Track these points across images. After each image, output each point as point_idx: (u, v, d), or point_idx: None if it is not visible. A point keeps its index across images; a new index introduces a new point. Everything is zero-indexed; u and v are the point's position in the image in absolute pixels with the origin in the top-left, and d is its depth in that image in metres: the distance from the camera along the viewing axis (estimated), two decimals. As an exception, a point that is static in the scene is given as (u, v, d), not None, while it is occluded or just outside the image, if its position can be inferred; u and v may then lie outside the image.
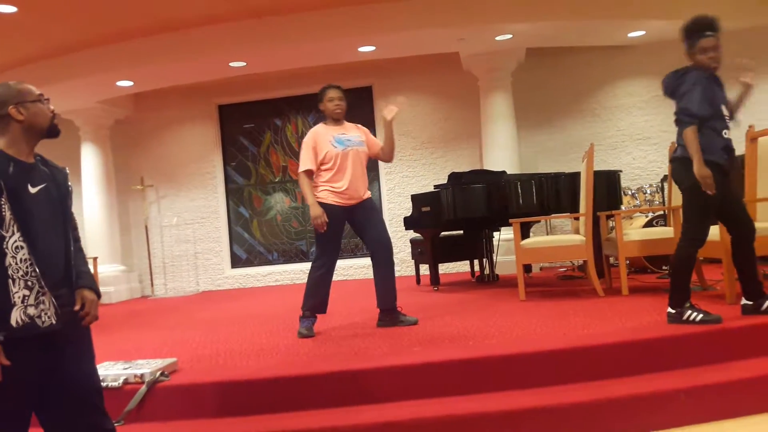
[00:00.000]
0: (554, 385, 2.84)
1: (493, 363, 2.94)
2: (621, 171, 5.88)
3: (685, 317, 3.23)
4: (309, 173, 4.05)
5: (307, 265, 8.42)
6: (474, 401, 2.74)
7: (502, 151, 7.44)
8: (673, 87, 3.31)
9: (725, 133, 3.25)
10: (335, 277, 4.15)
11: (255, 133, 8.98)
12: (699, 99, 3.16)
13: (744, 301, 3.38)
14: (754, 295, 3.34)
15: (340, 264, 8.60)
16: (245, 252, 8.98)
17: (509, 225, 5.20)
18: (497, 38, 6.91)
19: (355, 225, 4.11)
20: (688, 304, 3.26)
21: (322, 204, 3.98)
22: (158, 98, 8.77)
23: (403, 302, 4.16)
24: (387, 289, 4.10)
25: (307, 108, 8.81)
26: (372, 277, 4.17)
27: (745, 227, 3.32)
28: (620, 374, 2.88)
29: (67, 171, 2.04)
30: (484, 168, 7.46)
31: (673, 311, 3.28)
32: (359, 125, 4.30)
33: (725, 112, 3.28)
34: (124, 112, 8.79)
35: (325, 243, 4.06)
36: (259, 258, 8.97)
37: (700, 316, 3.19)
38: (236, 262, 8.99)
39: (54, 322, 1.81)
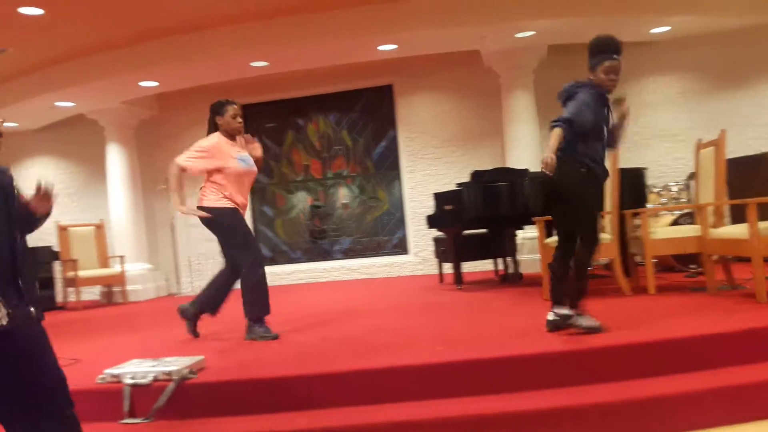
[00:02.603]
0: (578, 385, 2.82)
1: (517, 363, 2.93)
2: (646, 168, 5.81)
3: (571, 321, 3.28)
4: (183, 170, 4.20)
5: (330, 264, 8.50)
6: (497, 401, 2.73)
7: (525, 149, 7.38)
8: (565, 97, 3.45)
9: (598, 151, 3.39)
10: (359, 276, 4.16)
11: (277, 133, 9.04)
12: (578, 112, 3.30)
13: (551, 315, 3.39)
14: (566, 303, 3.36)
15: (364, 262, 8.58)
16: (269, 250, 9.04)
17: (533, 223, 5.17)
18: (518, 35, 6.86)
19: None
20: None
21: (228, 208, 4.13)
22: (182, 98, 8.85)
23: (426, 301, 4.16)
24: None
25: (329, 107, 8.84)
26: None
27: (588, 236, 3.37)
28: (646, 374, 2.85)
29: (11, 172, 2.00)
30: (507, 166, 7.42)
31: (570, 313, 3.31)
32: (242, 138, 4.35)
33: (605, 134, 3.42)
34: (148, 112, 8.89)
35: (247, 244, 4.16)
36: (283, 256, 9.03)
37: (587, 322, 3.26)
38: (260, 260, 9.04)
39: (5, 323, 1.79)
